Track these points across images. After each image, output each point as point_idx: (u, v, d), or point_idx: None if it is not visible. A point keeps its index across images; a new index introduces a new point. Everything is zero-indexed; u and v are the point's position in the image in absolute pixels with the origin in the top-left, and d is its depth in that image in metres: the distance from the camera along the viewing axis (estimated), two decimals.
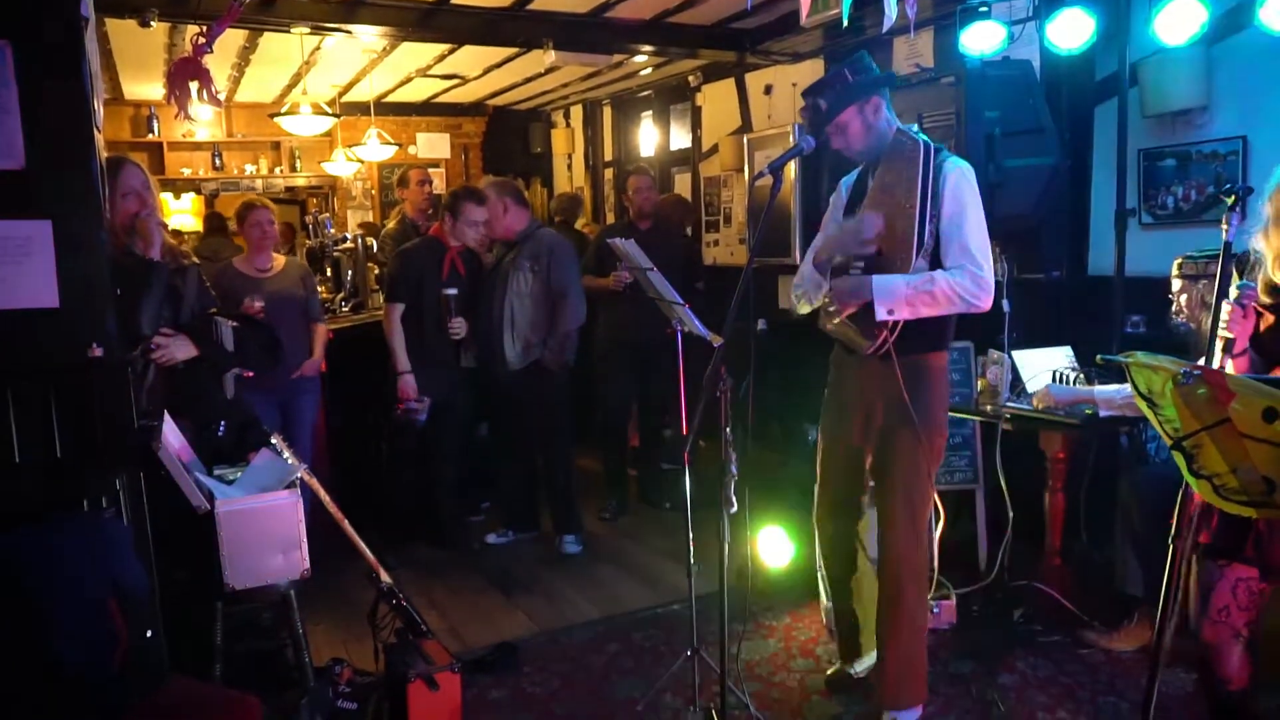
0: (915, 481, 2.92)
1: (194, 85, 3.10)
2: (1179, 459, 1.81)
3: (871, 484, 3.16)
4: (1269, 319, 2.26)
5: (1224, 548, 2.24)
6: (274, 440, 3.14)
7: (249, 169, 8.58)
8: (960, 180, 2.79)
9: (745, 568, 4.01)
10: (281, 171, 8.68)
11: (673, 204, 6.95)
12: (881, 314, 2.75)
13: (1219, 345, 2.08)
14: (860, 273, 2.86)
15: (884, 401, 2.92)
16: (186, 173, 8.35)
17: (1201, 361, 1.97)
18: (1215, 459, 1.75)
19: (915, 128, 2.94)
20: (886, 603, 3.00)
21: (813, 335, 3.23)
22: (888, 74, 2.98)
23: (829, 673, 3.36)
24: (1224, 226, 2.00)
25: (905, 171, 2.77)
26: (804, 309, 3.09)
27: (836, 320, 2.94)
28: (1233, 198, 1.99)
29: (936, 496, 3.56)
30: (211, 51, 3.11)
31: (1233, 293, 2.07)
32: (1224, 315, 2.07)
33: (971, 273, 2.74)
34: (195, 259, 3.34)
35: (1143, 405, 1.85)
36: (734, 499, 2.61)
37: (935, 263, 2.80)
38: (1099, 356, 2.10)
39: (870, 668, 3.27)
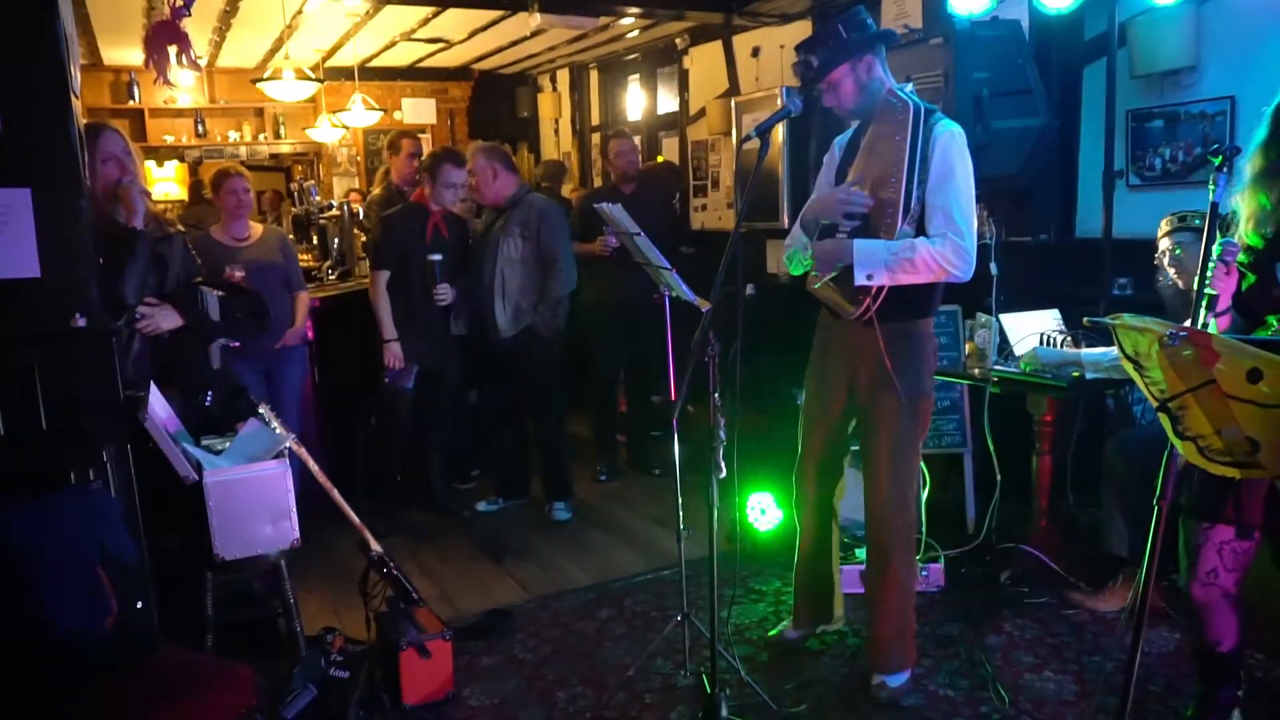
0: (901, 449, 2.92)
1: (173, 50, 3.05)
2: (1165, 420, 1.82)
3: (854, 449, 3.17)
4: (1250, 277, 2.27)
5: (1204, 509, 2.26)
6: (261, 410, 3.13)
7: (233, 136, 8.50)
8: (950, 144, 2.75)
9: (735, 532, 4.04)
10: (266, 138, 8.60)
11: (662, 170, 6.92)
12: (860, 279, 2.74)
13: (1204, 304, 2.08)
14: (846, 236, 2.84)
15: (868, 367, 2.91)
16: (169, 140, 8.27)
17: (1188, 322, 1.97)
18: (1200, 420, 1.76)
19: (910, 88, 2.89)
20: (874, 569, 3.03)
21: (801, 299, 3.22)
22: (884, 31, 2.94)
23: (770, 633, 3.40)
24: (1211, 187, 2.00)
25: (894, 134, 2.74)
26: (795, 270, 3.08)
27: (820, 283, 2.93)
28: (1220, 158, 1.99)
29: (922, 462, 3.58)
30: (189, 14, 3.06)
31: (1216, 250, 2.08)
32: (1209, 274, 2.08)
33: (954, 242, 2.71)
34: (180, 227, 3.31)
35: (1129, 367, 1.85)
36: (723, 464, 2.61)
37: (922, 228, 2.77)
38: (1086, 319, 2.10)
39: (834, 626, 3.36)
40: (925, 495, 4.00)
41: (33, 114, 2.51)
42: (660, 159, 7.86)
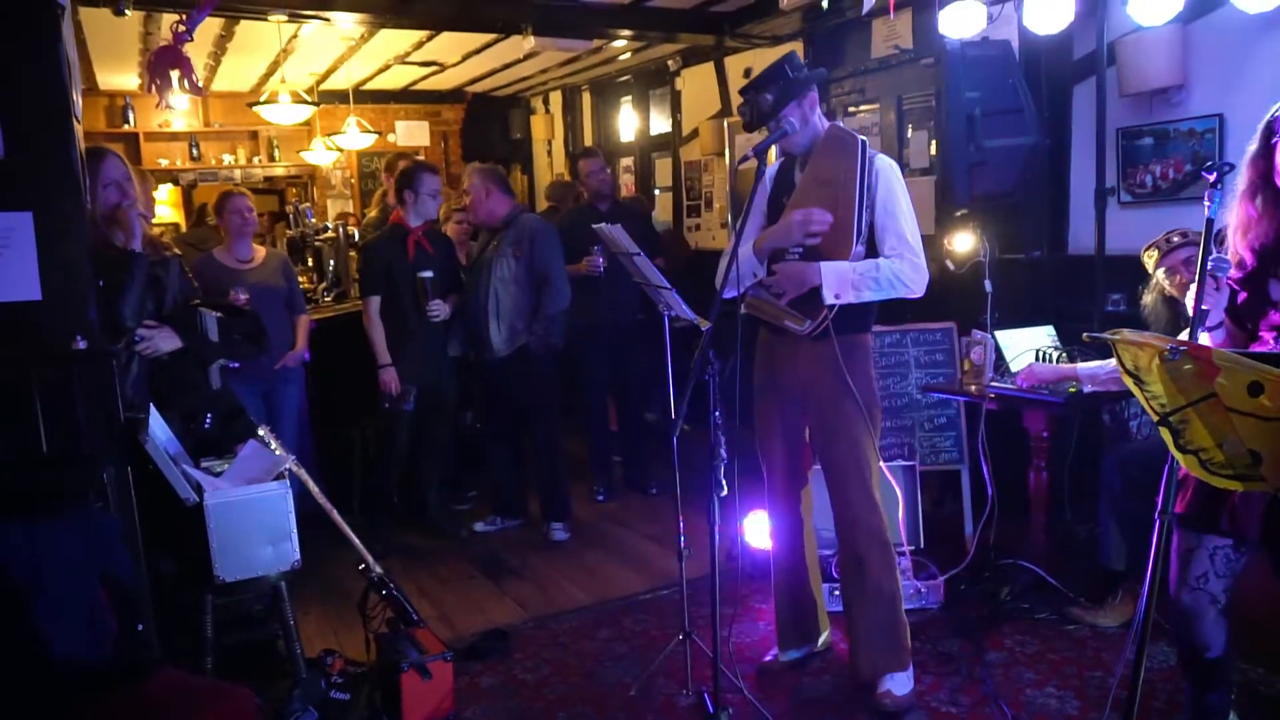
0: (863, 451, 3.01)
1: (174, 74, 3.07)
2: (1166, 434, 1.83)
3: (815, 465, 3.20)
4: (1244, 292, 2.29)
5: (1198, 519, 2.27)
6: (261, 431, 3.13)
7: (227, 159, 8.51)
8: (890, 174, 2.94)
9: (735, 551, 4.04)
10: (260, 161, 8.62)
11: (634, 201, 6.95)
12: (829, 299, 2.85)
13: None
14: (798, 258, 2.94)
15: (823, 379, 2.99)
16: (164, 163, 8.27)
17: (1184, 336, 1.98)
18: (1201, 434, 1.77)
19: (840, 123, 3.08)
20: (850, 573, 3.08)
21: None
22: (819, 70, 3.12)
23: (766, 660, 3.39)
24: (1206, 203, 2.02)
25: (844, 163, 2.88)
26: (730, 292, 3.05)
27: (775, 305, 2.97)
28: (1214, 174, 2.01)
29: (891, 476, 3.67)
30: (192, 39, 3.08)
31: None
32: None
33: (911, 260, 2.90)
34: (176, 250, 3.32)
35: (1129, 382, 1.87)
36: (724, 482, 2.62)
37: (871, 249, 2.93)
38: (1085, 335, 2.12)
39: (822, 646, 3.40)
40: (921, 511, 4.03)
41: (36, 138, 2.52)
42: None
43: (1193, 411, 1.75)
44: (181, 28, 3.04)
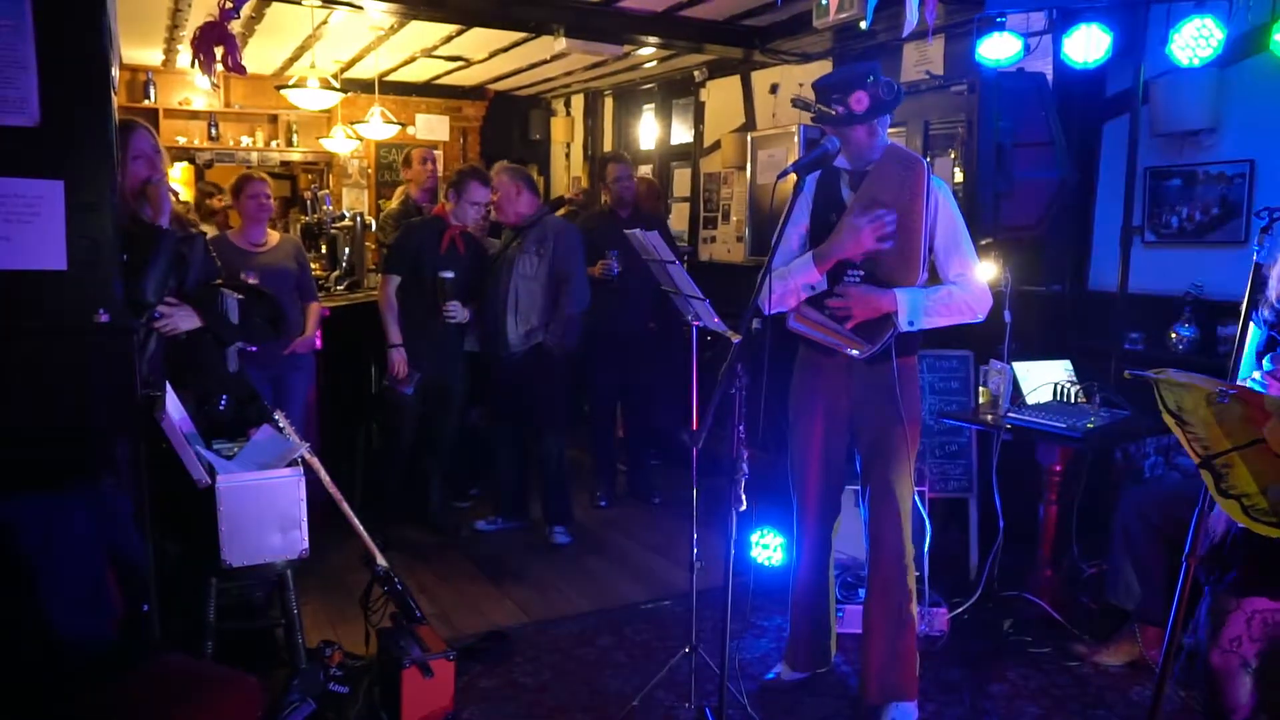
0: (906, 475, 3.01)
1: (219, 50, 3.05)
2: (1207, 477, 1.81)
3: (849, 488, 3.20)
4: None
5: (1248, 583, 2.23)
6: (276, 416, 3.11)
7: (245, 141, 8.48)
8: (948, 196, 2.92)
9: (741, 566, 4.01)
10: (278, 145, 8.57)
11: (649, 189, 6.91)
12: (904, 325, 2.83)
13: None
14: (858, 280, 2.90)
15: (876, 401, 2.97)
16: (181, 141, 8.23)
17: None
18: (1245, 479, 1.75)
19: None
20: (878, 597, 3.05)
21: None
22: (900, 93, 3.00)
23: (768, 676, 3.37)
24: (1257, 247, 2.01)
25: (905, 186, 2.84)
26: (770, 310, 2.98)
27: (834, 329, 2.94)
28: (1268, 220, 2.00)
29: (924, 508, 3.66)
30: (239, 16, 3.06)
31: (1266, 365, 2.07)
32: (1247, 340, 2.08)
33: (977, 286, 2.89)
34: (203, 227, 3.29)
35: (1170, 421, 1.85)
36: (744, 497, 2.59)
37: (932, 274, 2.91)
38: (1126, 372, 2.10)
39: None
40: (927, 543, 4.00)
41: (72, 107, 2.50)
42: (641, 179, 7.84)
43: (1238, 456, 1.73)
44: (229, 4, 3.02)
